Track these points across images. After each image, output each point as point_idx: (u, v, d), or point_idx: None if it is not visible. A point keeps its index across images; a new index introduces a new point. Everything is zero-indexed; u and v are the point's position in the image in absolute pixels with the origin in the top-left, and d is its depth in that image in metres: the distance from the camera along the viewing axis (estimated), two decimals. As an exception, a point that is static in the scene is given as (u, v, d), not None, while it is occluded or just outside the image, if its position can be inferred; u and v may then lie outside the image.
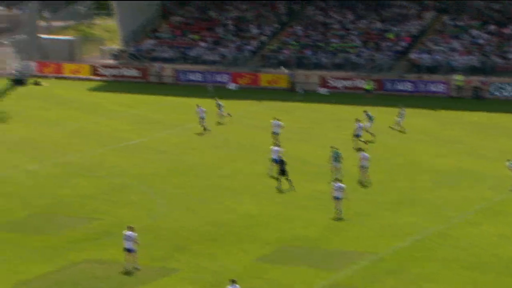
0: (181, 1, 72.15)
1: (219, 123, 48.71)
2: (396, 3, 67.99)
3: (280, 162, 36.50)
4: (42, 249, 28.95)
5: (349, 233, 31.03)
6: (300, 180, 37.04)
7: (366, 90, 58.95)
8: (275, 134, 43.90)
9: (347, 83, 61.28)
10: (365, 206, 34.06)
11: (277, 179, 36.33)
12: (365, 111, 46.40)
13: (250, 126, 49.09)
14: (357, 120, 43.91)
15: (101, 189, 36.14)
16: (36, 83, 62.57)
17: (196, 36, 68.27)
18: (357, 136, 43.57)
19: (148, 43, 68.40)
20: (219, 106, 49.72)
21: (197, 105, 47.92)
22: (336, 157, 37.43)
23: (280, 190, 35.95)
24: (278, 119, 44.51)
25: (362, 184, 36.63)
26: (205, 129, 46.85)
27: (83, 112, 53.03)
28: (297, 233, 30.94)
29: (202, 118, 47.05)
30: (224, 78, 63.21)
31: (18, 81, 62.64)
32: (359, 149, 39.75)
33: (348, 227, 31.66)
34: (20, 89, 61.03)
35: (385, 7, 67.91)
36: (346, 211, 32.62)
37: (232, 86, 62.29)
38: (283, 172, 36.13)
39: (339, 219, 32.28)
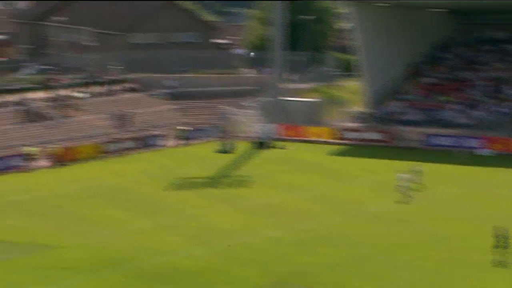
0: (434, 61, 72.60)
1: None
2: None
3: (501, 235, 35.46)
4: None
5: None
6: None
7: None
8: None
9: None
10: None
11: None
12: None
13: (502, 196, 48.03)
14: None
15: (340, 259, 37.00)
16: (280, 147, 65.41)
17: (445, 98, 68.17)
18: None
19: (394, 105, 69.23)
20: (417, 172, 49.31)
21: (396, 172, 48.04)
22: None
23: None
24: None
25: None
26: (405, 199, 46.66)
27: (324, 177, 54.66)
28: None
29: (402, 186, 46.94)
30: (475, 143, 62.43)
31: (261, 144, 65.83)
32: None
33: None
34: (263, 152, 64.07)
35: None
36: None
37: (484, 151, 61.34)
38: (501, 243, 35.09)
39: None
